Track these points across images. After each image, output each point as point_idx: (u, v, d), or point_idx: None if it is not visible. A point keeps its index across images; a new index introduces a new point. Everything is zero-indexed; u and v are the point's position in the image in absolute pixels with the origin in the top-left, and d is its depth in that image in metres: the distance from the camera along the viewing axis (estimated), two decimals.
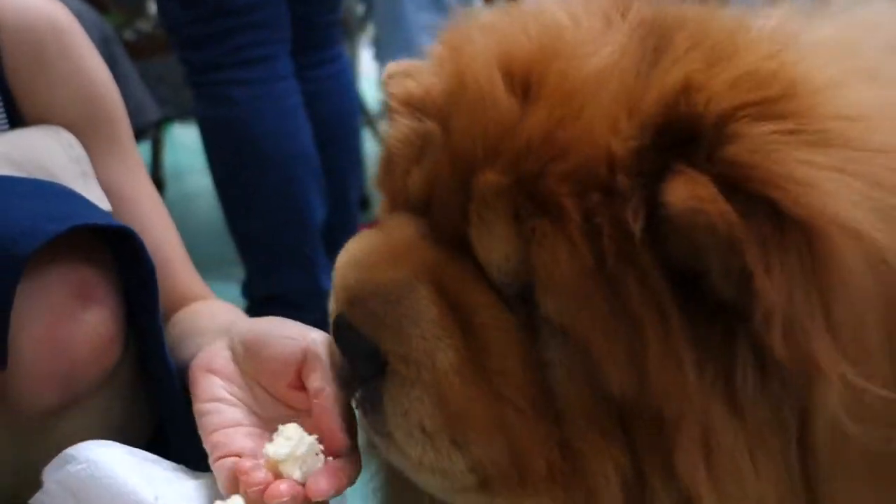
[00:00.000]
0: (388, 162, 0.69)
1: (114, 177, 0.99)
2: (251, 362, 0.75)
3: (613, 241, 0.52)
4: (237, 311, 1.02)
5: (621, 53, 0.56)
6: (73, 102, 0.98)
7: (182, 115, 2.97)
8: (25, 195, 0.80)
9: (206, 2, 1.92)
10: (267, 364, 0.74)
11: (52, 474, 0.71)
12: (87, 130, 0.97)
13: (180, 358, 0.89)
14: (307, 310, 2.02)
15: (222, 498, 0.68)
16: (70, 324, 0.79)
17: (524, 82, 0.57)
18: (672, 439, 0.53)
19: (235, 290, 2.18)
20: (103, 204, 0.93)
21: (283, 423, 0.70)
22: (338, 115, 2.11)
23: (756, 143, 0.50)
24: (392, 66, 0.71)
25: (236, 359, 0.76)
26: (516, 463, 0.58)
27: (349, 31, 3.12)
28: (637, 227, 0.52)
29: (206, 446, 0.73)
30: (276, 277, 2.05)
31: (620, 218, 0.52)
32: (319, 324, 0.92)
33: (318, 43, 2.15)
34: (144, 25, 2.81)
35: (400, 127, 0.66)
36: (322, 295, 2.07)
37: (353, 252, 0.66)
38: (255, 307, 2.04)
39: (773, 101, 0.52)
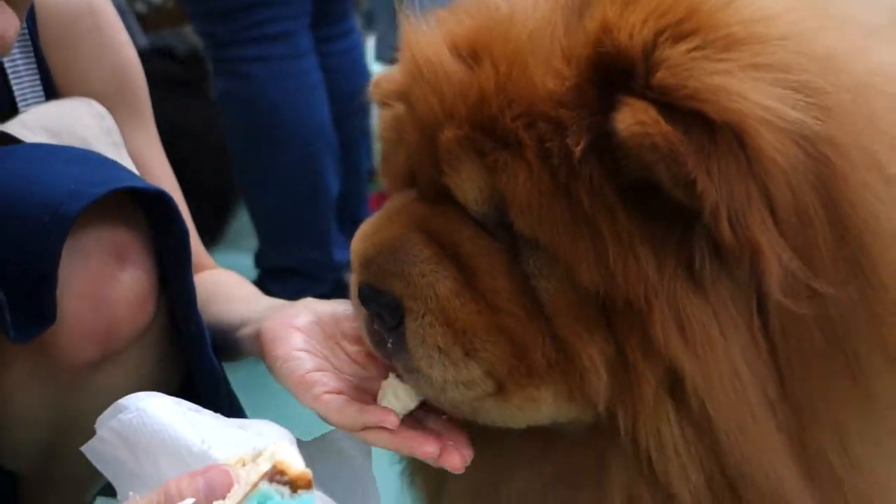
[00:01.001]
0: (384, 154, 0.80)
1: (135, 146, 1.04)
2: (337, 327, 0.82)
3: (563, 162, 0.62)
4: (251, 285, 1.07)
5: (551, 15, 0.65)
6: (103, 76, 1.03)
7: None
8: (68, 161, 0.85)
9: None
10: (353, 330, 0.80)
11: (105, 423, 0.74)
12: (114, 102, 1.02)
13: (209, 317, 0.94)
14: (319, 281, 2.05)
15: (263, 441, 0.70)
16: (109, 283, 0.84)
17: (470, 51, 0.67)
18: (647, 320, 0.62)
19: (248, 259, 2.21)
20: (132, 170, 0.98)
21: (363, 383, 0.78)
22: (351, 88, 2.11)
23: (676, 64, 0.59)
24: (378, 75, 0.82)
25: (320, 322, 0.81)
26: (519, 358, 0.68)
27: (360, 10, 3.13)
28: (578, 148, 0.61)
29: (295, 387, 0.78)
30: (290, 249, 2.07)
31: (566, 143, 0.62)
32: (330, 295, 0.98)
33: (333, 17, 2.14)
34: None
35: (384, 119, 0.77)
36: (334, 267, 2.10)
37: (362, 229, 0.77)
38: (268, 278, 2.07)
39: (681, 23, 0.60)
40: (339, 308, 0.84)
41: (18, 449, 0.91)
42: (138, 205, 0.85)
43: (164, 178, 1.08)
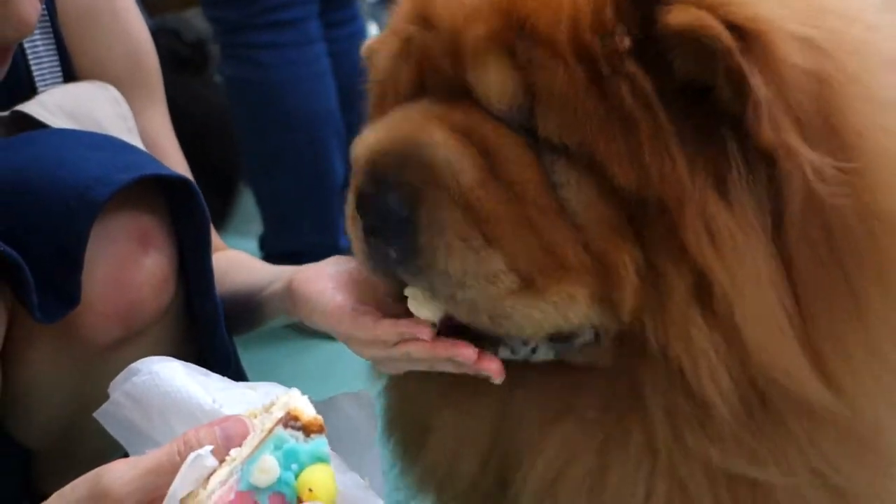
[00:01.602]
0: (376, 90, 0.79)
1: (149, 127, 1.06)
2: (363, 284, 0.80)
3: (606, 62, 0.63)
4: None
5: None
6: (119, 59, 1.05)
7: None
8: (92, 147, 0.87)
9: None
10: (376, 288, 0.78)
11: (118, 387, 0.75)
12: (130, 84, 1.04)
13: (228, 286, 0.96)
14: None
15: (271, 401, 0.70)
16: (132, 267, 0.86)
17: None
18: (679, 225, 0.63)
19: (252, 244, 2.22)
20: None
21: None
22: (356, 73, 2.12)
23: None
24: (368, 41, 0.82)
25: (349, 271, 0.81)
26: (550, 255, 0.66)
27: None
28: (623, 47, 0.63)
29: (329, 316, 0.78)
30: (296, 234, 2.06)
31: (611, 41, 0.63)
32: None
33: (338, 3, 2.13)
34: None
35: (384, 52, 0.76)
36: (339, 252, 2.10)
37: (363, 137, 0.73)
38: (272, 261, 2.09)
39: None
40: None
41: (39, 426, 0.93)
42: (160, 190, 0.86)
43: (175, 159, 1.10)
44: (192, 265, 0.90)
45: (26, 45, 0.97)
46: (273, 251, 2.14)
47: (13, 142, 0.88)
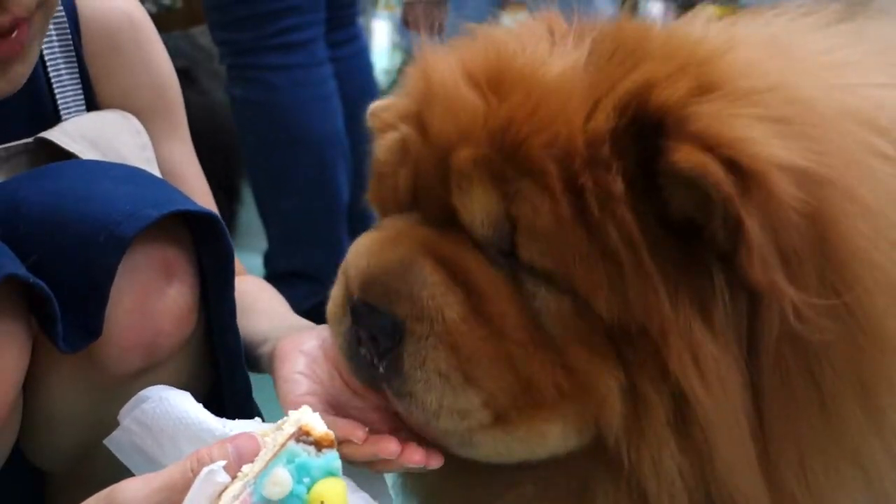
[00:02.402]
0: (378, 176, 0.79)
1: (171, 157, 1.08)
2: (332, 363, 0.81)
3: (595, 197, 0.64)
4: (278, 295, 1.10)
5: (574, 60, 0.69)
6: (142, 89, 1.07)
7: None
8: (119, 180, 0.87)
9: None
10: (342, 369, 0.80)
11: (128, 413, 0.78)
12: (152, 114, 1.06)
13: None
14: (328, 285, 2.08)
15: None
16: (156, 298, 0.87)
17: (489, 81, 0.69)
18: (663, 351, 0.64)
19: (257, 260, 2.24)
20: None
21: (353, 411, 0.77)
22: (360, 92, 2.09)
23: (712, 117, 0.63)
24: (375, 104, 0.83)
25: (324, 349, 0.83)
26: (526, 390, 0.67)
27: (363, 4, 3.18)
28: (617, 185, 0.64)
29: (285, 407, 0.79)
30: (301, 253, 2.07)
31: (603, 179, 0.64)
32: None
33: (342, 22, 2.14)
34: None
35: (385, 141, 0.77)
36: None
37: (358, 247, 0.75)
38: (277, 281, 2.10)
39: (700, 78, 0.65)
40: None
41: (55, 450, 0.94)
42: (185, 222, 0.88)
43: (198, 188, 1.11)
44: (215, 298, 0.91)
45: (52, 75, 0.99)
46: (277, 269, 2.16)
47: (43, 172, 0.89)
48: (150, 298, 0.86)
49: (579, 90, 0.67)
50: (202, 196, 1.11)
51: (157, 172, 1.02)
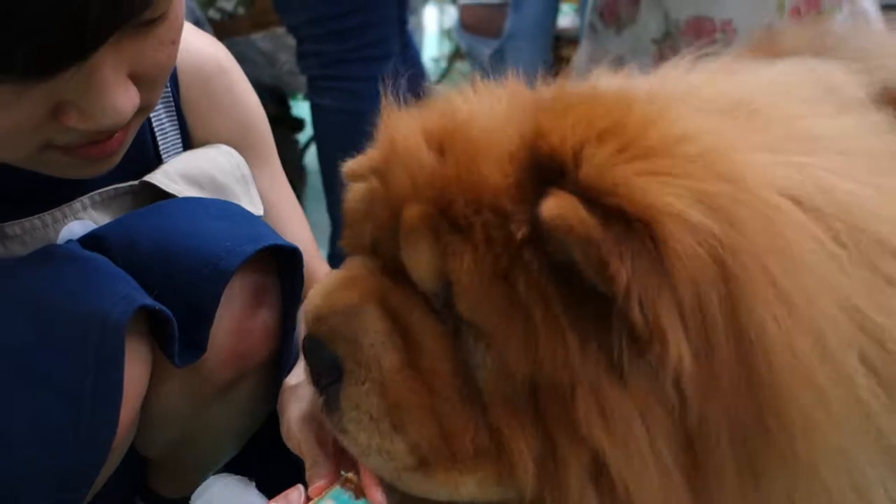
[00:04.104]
0: (348, 223, 0.83)
1: (262, 185, 1.18)
2: None
3: (504, 249, 0.65)
4: None
5: (504, 119, 0.71)
6: (232, 128, 1.17)
7: (259, 89, 3.06)
8: (217, 216, 1.00)
9: None
10: None
11: (199, 497, 0.93)
12: (241, 148, 1.16)
13: None
14: None
15: None
16: (250, 320, 1.00)
17: (437, 142, 0.72)
18: (572, 407, 0.63)
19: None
20: (260, 209, 1.13)
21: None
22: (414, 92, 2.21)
23: (598, 164, 0.63)
24: (350, 160, 0.86)
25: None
26: (447, 443, 0.70)
27: None
28: (519, 236, 0.64)
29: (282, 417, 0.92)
30: None
31: (508, 231, 0.65)
32: None
33: (402, 29, 2.22)
34: (227, 4, 2.99)
35: (354, 191, 0.81)
36: None
37: (318, 284, 0.80)
38: None
39: (606, 131, 0.65)
40: None
41: (158, 441, 1.07)
42: (272, 253, 1.00)
43: (290, 212, 1.23)
44: (287, 317, 1.03)
45: (154, 122, 1.09)
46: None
47: (152, 210, 1.01)
48: (244, 320, 0.99)
49: (499, 145, 0.69)
50: (289, 219, 1.22)
51: (256, 195, 1.14)
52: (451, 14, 4.99)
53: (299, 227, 1.23)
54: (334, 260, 2.12)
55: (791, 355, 0.61)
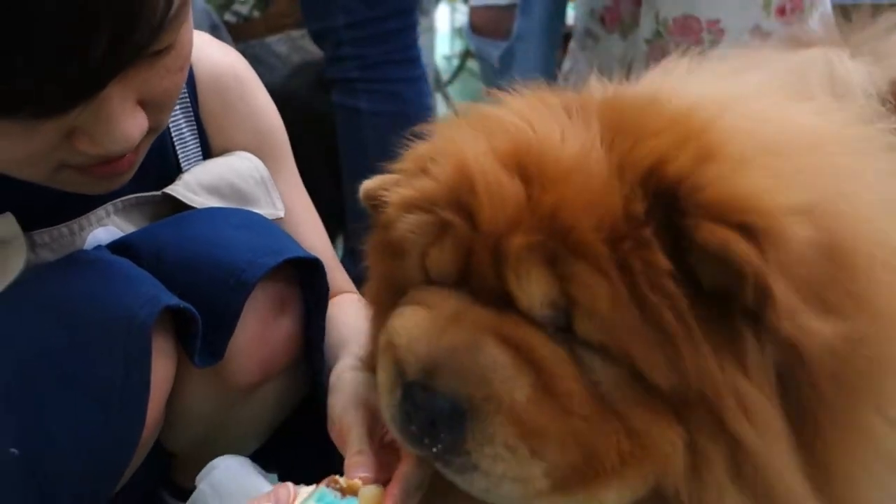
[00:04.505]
0: (401, 252, 0.78)
1: (280, 191, 1.20)
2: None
3: (645, 277, 0.67)
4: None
5: (590, 141, 0.71)
6: (250, 135, 1.20)
7: (272, 92, 3.09)
8: (239, 227, 1.04)
9: (387, 1, 2.06)
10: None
11: (203, 479, 0.96)
12: (260, 155, 1.19)
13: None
14: None
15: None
16: (272, 327, 1.04)
17: (518, 168, 0.71)
18: (720, 410, 0.67)
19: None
20: (281, 210, 1.17)
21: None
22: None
23: (716, 184, 0.67)
24: (366, 183, 0.85)
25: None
26: (589, 461, 0.69)
27: None
28: (663, 264, 0.67)
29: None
30: None
31: (650, 259, 0.67)
32: None
33: None
34: (242, 8, 3.01)
35: (410, 220, 0.76)
36: None
37: (408, 328, 0.74)
38: None
39: (701, 149, 0.69)
40: None
41: (183, 437, 1.12)
42: (293, 264, 1.05)
43: (307, 216, 1.25)
44: (311, 325, 1.09)
45: (174, 132, 1.13)
46: None
47: (178, 220, 1.06)
48: (267, 328, 1.04)
49: (605, 171, 0.70)
50: (307, 225, 1.25)
51: (277, 197, 1.17)
52: (463, 12, 4.99)
53: (317, 233, 1.26)
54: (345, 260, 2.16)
55: None
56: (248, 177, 1.16)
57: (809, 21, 1.80)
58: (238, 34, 2.86)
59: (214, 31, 2.51)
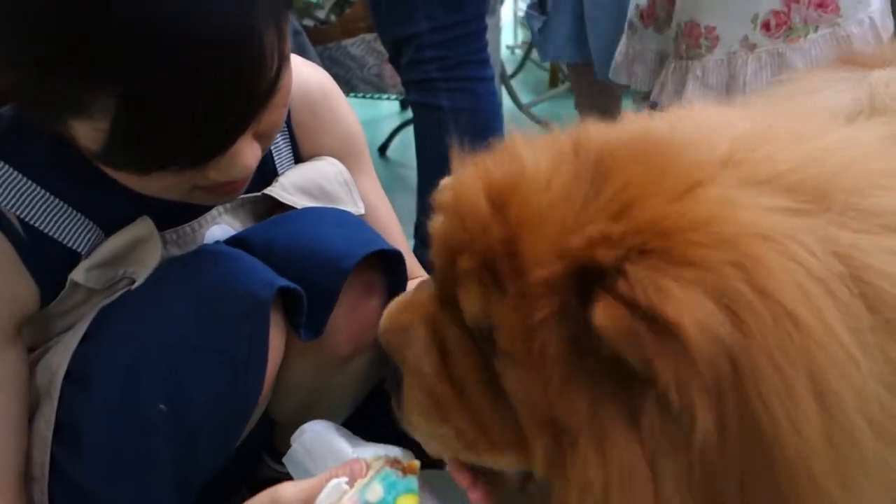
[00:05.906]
0: (431, 245, 0.88)
1: (361, 189, 1.37)
2: None
3: (540, 318, 0.72)
4: None
5: (566, 188, 0.73)
6: (335, 142, 1.37)
7: (349, 92, 3.25)
8: (335, 224, 1.22)
9: (468, 6, 2.20)
10: None
11: (296, 439, 1.05)
12: (343, 159, 1.36)
13: None
14: None
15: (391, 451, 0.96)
16: (363, 307, 1.18)
17: (497, 198, 0.76)
18: (576, 446, 0.71)
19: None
20: (362, 208, 1.31)
21: None
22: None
23: (639, 277, 0.67)
24: (444, 181, 0.89)
25: None
26: (483, 432, 0.82)
27: None
28: (548, 314, 0.71)
29: None
30: None
31: (543, 306, 0.71)
32: None
33: None
34: (320, 13, 3.07)
35: (435, 220, 0.87)
36: None
37: (393, 304, 0.95)
38: None
39: (646, 244, 0.68)
40: None
41: (285, 406, 1.24)
42: (379, 255, 1.18)
43: (385, 213, 1.41)
44: None
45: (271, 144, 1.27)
46: None
47: (284, 219, 1.20)
48: (358, 307, 1.18)
49: (561, 226, 0.72)
50: (386, 219, 1.40)
51: (359, 198, 1.33)
52: (526, 1, 4.98)
53: (394, 227, 1.43)
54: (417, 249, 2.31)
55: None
56: (334, 179, 1.32)
57: (804, 41, 1.85)
58: (317, 37, 2.98)
59: (296, 35, 2.64)
